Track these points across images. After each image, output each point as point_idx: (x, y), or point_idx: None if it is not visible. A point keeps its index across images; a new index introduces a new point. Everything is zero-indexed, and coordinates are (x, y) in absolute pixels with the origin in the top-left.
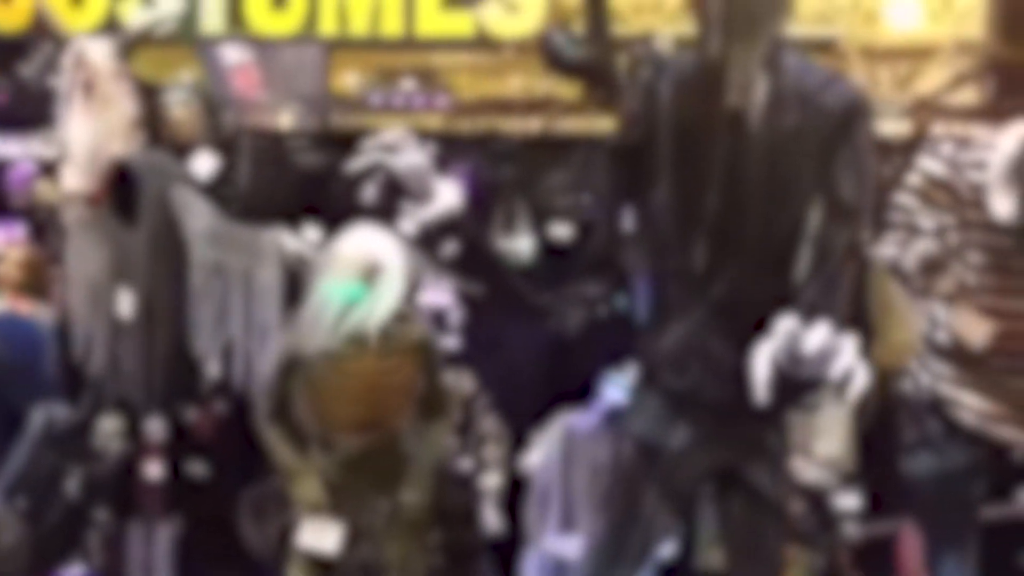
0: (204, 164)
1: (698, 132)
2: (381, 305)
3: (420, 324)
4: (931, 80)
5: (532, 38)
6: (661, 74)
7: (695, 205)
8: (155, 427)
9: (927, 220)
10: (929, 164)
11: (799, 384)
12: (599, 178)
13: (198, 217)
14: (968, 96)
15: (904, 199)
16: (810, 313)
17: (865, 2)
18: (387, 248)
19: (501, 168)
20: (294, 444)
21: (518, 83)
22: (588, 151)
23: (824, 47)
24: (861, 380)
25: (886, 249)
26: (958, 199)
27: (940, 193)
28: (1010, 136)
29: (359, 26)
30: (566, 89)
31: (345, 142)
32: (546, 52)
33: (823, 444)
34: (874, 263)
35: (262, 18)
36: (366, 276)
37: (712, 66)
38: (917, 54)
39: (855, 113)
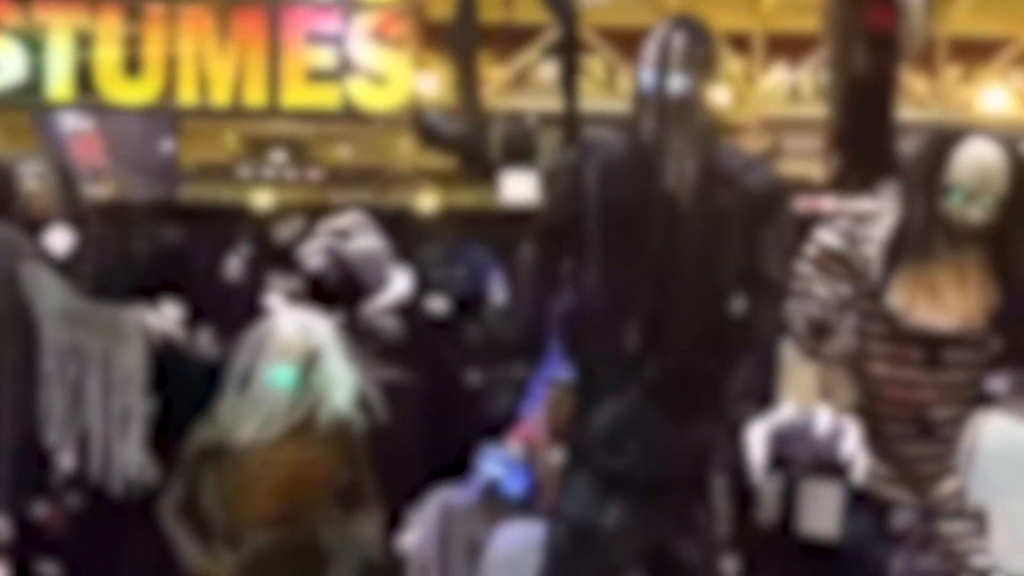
0: (60, 239)
1: (629, 214)
2: (340, 392)
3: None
4: None
5: (401, 111)
6: (587, 156)
7: (628, 286)
8: (0, 526)
9: (822, 288)
10: (826, 236)
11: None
12: (473, 250)
13: (51, 296)
14: (814, 171)
15: (801, 267)
16: (746, 389)
17: None
18: (324, 332)
19: None
20: (202, 541)
21: (387, 156)
22: (462, 223)
23: (557, 123)
24: (863, 461)
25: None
26: (852, 271)
27: (836, 264)
28: (890, 210)
29: (221, 96)
30: (437, 162)
31: (206, 215)
32: (421, 128)
33: (813, 522)
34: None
35: (114, 86)
36: (305, 363)
37: (644, 150)
38: (726, 131)
39: (778, 194)
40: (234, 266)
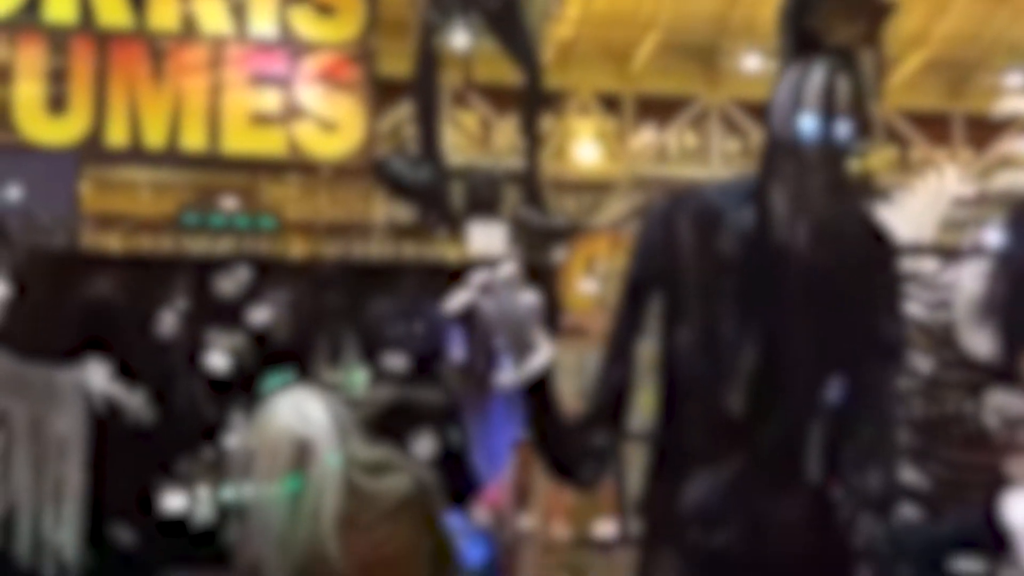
0: None
1: (733, 269)
2: (325, 510)
3: (404, 469)
4: (611, 210)
5: (353, 158)
6: (679, 206)
7: (732, 346)
8: None
9: (923, 363)
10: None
11: None
12: (430, 305)
13: None
14: None
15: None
16: (869, 457)
17: (554, 140)
18: (313, 419)
19: (326, 295)
20: None
21: (343, 206)
22: (419, 276)
23: (517, 178)
24: None
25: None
26: (934, 339)
27: (921, 336)
28: (970, 273)
29: (155, 139)
30: (398, 212)
31: (149, 265)
32: (384, 176)
33: None
34: None
35: (36, 125)
36: (299, 461)
37: (775, 202)
38: (598, 187)
39: (887, 249)
40: (168, 322)
